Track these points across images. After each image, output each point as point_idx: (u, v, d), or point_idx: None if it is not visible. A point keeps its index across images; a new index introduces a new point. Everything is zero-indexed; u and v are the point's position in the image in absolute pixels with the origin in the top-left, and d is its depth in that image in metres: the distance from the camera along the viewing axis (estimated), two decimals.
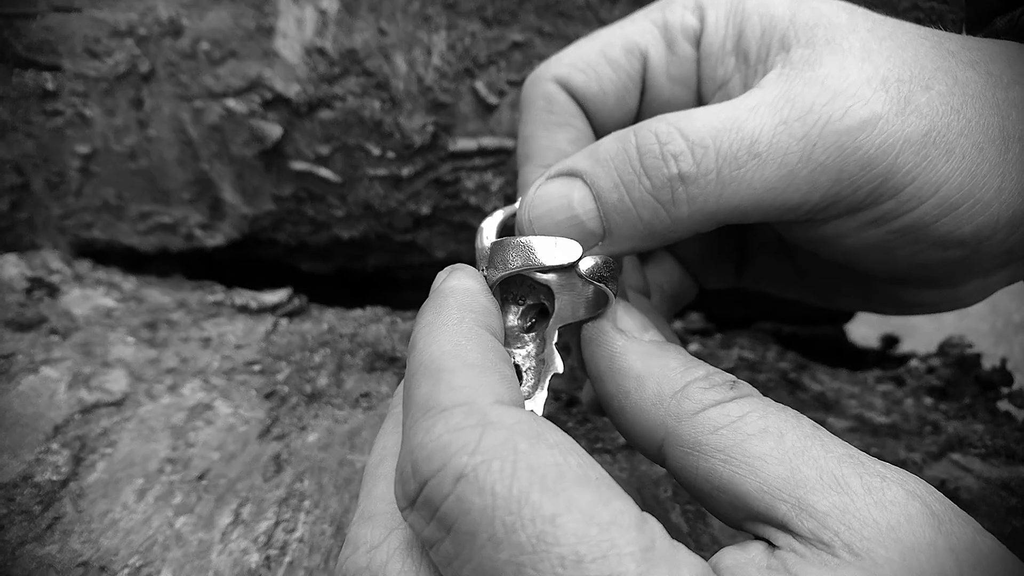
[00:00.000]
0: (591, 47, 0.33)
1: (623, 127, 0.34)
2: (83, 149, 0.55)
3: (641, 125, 0.27)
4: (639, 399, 0.25)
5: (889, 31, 0.27)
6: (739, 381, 0.24)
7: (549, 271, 0.27)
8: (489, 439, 0.19)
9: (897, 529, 0.19)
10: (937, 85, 0.26)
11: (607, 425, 0.45)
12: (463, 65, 0.51)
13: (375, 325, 0.54)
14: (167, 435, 0.41)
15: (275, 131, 0.52)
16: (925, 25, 0.29)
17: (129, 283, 0.56)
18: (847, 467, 0.21)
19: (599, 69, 0.32)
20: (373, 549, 0.22)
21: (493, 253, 0.28)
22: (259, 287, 0.58)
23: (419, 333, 0.24)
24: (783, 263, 0.38)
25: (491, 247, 0.28)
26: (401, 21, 0.50)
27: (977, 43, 0.28)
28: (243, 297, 0.56)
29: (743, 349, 0.56)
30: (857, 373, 0.57)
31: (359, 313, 0.56)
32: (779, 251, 0.38)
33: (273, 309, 0.55)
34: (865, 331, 0.77)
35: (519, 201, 0.30)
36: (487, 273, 0.28)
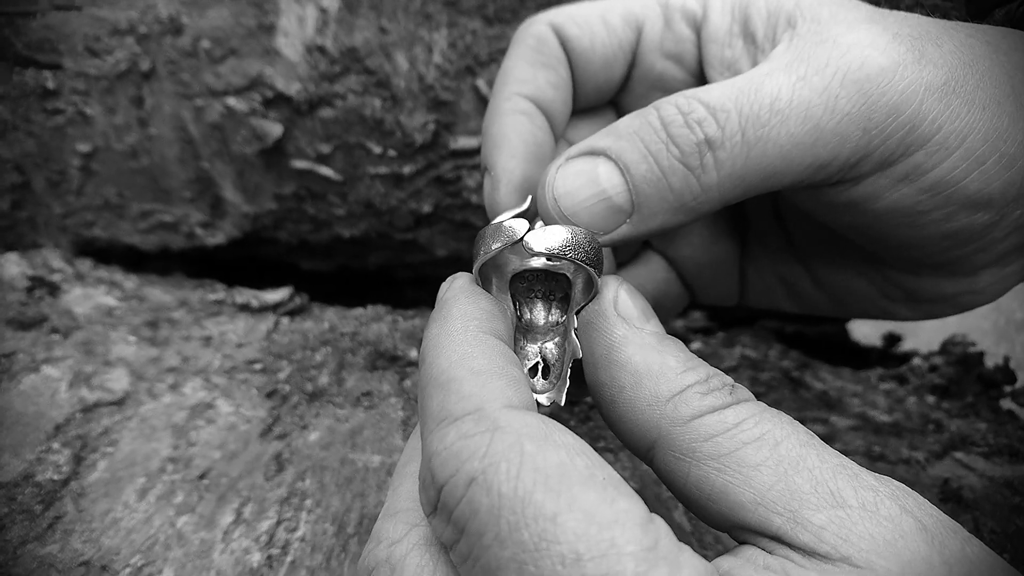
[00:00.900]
0: (591, 7, 0.33)
1: (607, 93, 0.35)
2: (84, 148, 0.55)
3: (657, 102, 0.27)
4: (634, 396, 0.24)
5: (891, 11, 0.28)
6: (738, 385, 0.24)
7: (504, 248, 0.26)
8: (497, 443, 0.20)
9: (893, 544, 0.19)
10: (947, 43, 0.26)
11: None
12: (464, 63, 0.51)
13: (376, 324, 0.54)
14: (168, 434, 0.41)
15: (275, 129, 0.52)
16: None
17: (130, 282, 0.56)
18: (842, 479, 0.20)
19: (595, 28, 0.32)
20: (394, 544, 0.22)
21: (474, 245, 0.27)
22: (260, 286, 0.58)
23: (427, 346, 0.24)
24: (793, 269, 0.37)
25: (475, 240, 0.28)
26: (402, 19, 0.50)
27: (974, 24, 0.29)
28: (244, 296, 0.55)
29: (745, 348, 0.56)
30: (860, 372, 0.56)
31: (360, 312, 0.56)
32: (789, 256, 0.37)
33: (274, 308, 0.55)
34: (867, 329, 0.77)
35: (543, 182, 0.28)
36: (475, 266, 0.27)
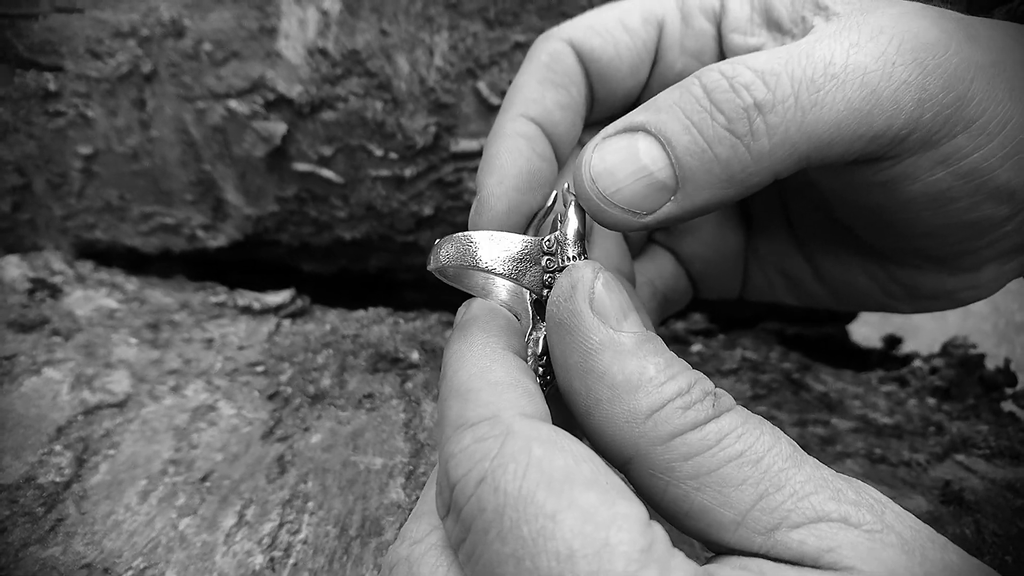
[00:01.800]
0: (610, 13, 0.32)
1: (632, 98, 0.33)
2: (85, 150, 0.55)
3: (699, 71, 0.26)
4: (610, 411, 0.22)
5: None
6: (720, 392, 0.23)
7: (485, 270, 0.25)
8: (508, 446, 0.20)
9: (876, 554, 0.19)
10: (982, 28, 0.26)
11: None
12: (465, 66, 0.51)
13: (377, 326, 0.54)
14: (170, 436, 0.41)
15: (280, 128, 0.52)
16: None
17: (131, 284, 0.56)
18: (823, 493, 0.20)
19: (616, 34, 0.31)
20: (415, 543, 0.23)
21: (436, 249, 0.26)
22: (262, 288, 0.58)
23: (448, 361, 0.25)
24: (796, 263, 0.37)
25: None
26: (403, 22, 0.50)
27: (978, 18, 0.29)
28: (246, 298, 0.55)
29: (746, 350, 0.56)
30: (860, 374, 0.56)
31: (362, 314, 0.56)
32: (792, 250, 0.37)
33: (276, 310, 0.55)
34: (868, 331, 0.77)
35: (579, 163, 0.26)
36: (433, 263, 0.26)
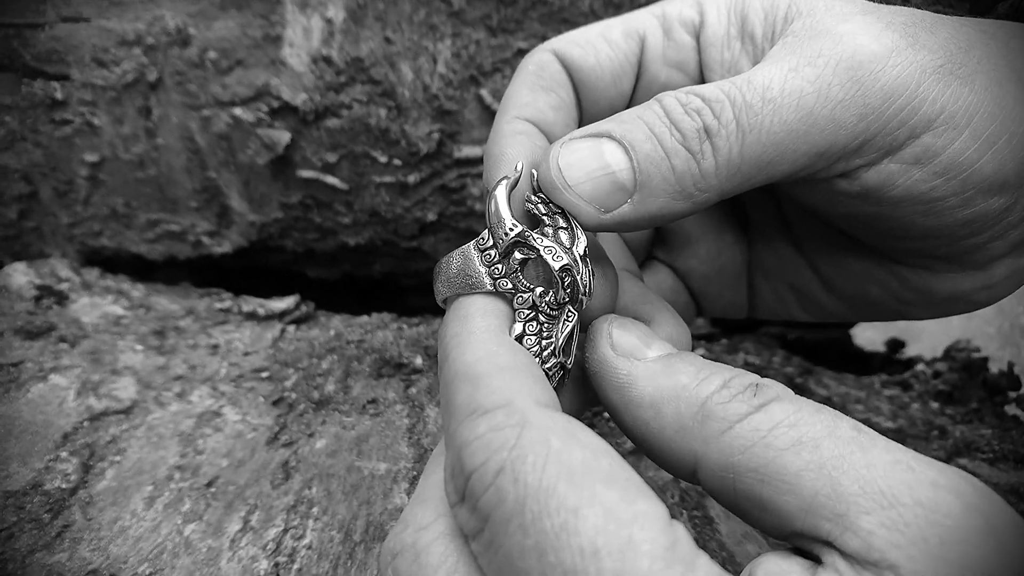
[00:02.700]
0: (593, 29, 0.34)
1: (618, 108, 0.34)
2: (91, 158, 0.56)
3: (659, 95, 0.28)
4: (660, 428, 0.24)
5: (885, 5, 0.29)
6: (763, 381, 0.23)
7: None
8: (526, 436, 0.20)
9: (950, 546, 0.18)
10: (941, 31, 0.27)
11: (613, 431, 0.45)
12: (468, 73, 0.51)
13: (381, 331, 0.54)
14: (176, 442, 0.42)
15: (284, 137, 0.53)
16: None
17: (137, 291, 0.57)
18: (894, 476, 0.19)
19: (597, 45, 0.33)
20: (421, 530, 0.23)
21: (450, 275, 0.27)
22: (266, 294, 0.58)
23: (449, 344, 0.24)
24: (803, 275, 0.37)
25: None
26: (407, 30, 0.51)
27: (966, 17, 0.29)
28: (251, 304, 0.56)
29: (748, 354, 0.56)
30: (863, 378, 0.56)
31: (366, 319, 0.56)
32: (798, 263, 0.37)
33: (280, 316, 0.55)
34: (871, 335, 0.77)
35: (547, 155, 0.28)
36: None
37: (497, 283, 0.27)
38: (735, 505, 0.22)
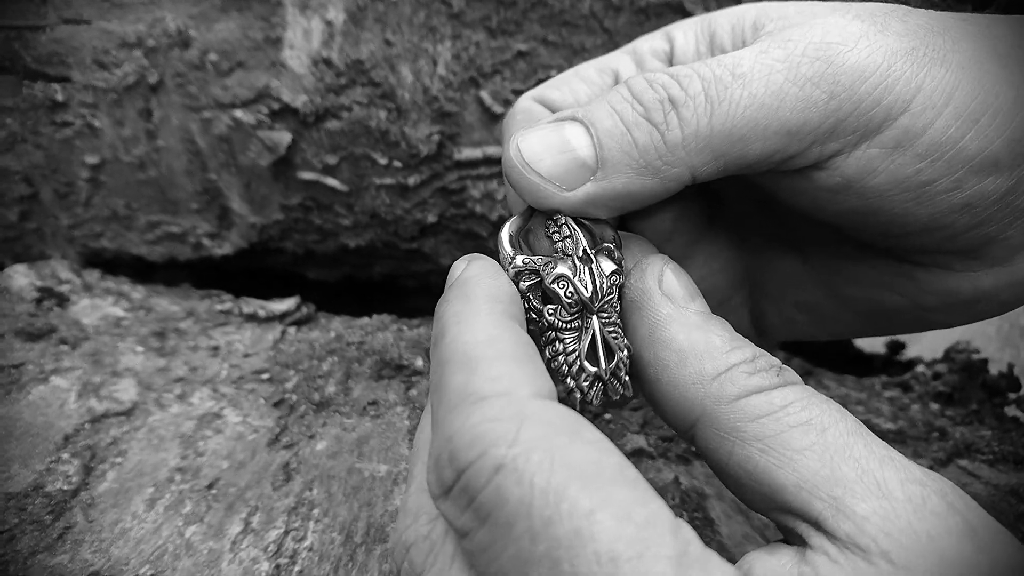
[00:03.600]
0: (564, 74, 0.35)
1: None
2: (92, 159, 0.56)
3: (628, 78, 0.28)
4: (678, 374, 0.24)
5: (858, 1, 0.29)
6: (785, 367, 0.24)
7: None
8: (527, 431, 0.19)
9: (937, 541, 0.18)
10: (913, 19, 0.27)
11: (614, 432, 0.45)
12: (468, 75, 0.51)
13: (382, 333, 0.54)
14: (177, 444, 0.42)
15: (285, 138, 0.53)
16: None
17: (138, 292, 0.57)
18: (889, 470, 0.20)
19: (573, 84, 0.34)
20: (434, 520, 0.22)
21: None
22: (267, 296, 0.58)
23: (448, 322, 0.23)
24: (810, 291, 0.36)
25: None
26: (407, 32, 0.51)
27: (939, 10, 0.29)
28: (251, 306, 0.56)
29: None
30: (863, 379, 0.57)
31: (366, 321, 0.56)
32: (803, 279, 0.36)
33: (281, 317, 0.55)
34: (870, 337, 0.77)
35: (507, 141, 0.29)
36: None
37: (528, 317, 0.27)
38: (723, 468, 0.23)
